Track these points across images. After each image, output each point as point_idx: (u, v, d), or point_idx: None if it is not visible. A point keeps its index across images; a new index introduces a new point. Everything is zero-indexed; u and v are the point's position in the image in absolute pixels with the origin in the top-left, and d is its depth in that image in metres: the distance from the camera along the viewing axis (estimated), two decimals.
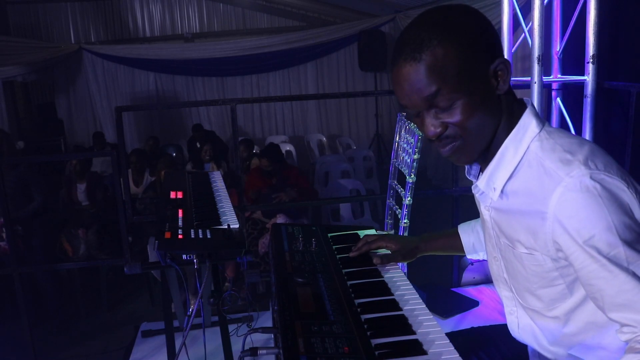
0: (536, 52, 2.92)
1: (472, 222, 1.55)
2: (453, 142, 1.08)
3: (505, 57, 1.08)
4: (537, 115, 1.11)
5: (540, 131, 1.09)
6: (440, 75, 1.01)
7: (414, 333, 1.12)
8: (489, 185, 1.14)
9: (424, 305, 1.24)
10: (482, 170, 1.18)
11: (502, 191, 1.12)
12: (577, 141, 1.06)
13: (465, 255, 1.59)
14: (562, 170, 1.00)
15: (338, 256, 1.50)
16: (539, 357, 1.27)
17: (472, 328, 1.52)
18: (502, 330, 1.51)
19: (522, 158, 1.09)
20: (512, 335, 1.31)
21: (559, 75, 3.41)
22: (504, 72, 1.06)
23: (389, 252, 1.51)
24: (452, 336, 1.18)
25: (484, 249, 1.50)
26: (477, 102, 1.04)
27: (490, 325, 1.54)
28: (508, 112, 1.10)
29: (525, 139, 1.09)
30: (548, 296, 1.14)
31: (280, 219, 4.26)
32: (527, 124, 1.09)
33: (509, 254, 1.18)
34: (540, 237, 1.05)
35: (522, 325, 1.26)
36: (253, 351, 1.17)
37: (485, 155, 1.13)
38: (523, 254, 1.12)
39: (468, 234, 1.53)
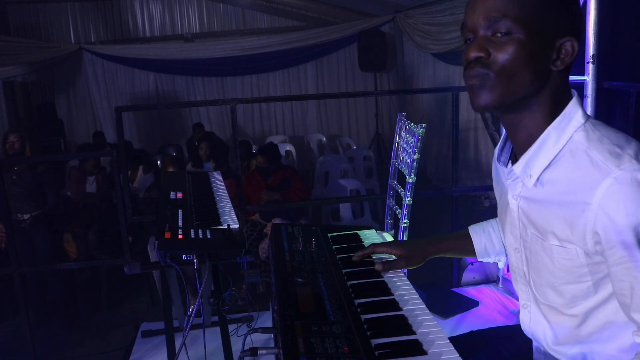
0: None
1: (483, 223, 1.52)
2: (484, 72, 1.05)
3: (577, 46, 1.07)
4: (582, 106, 1.10)
5: (585, 122, 1.07)
6: (516, 3, 1.02)
7: (414, 333, 1.12)
8: (526, 171, 1.12)
9: (424, 306, 1.24)
10: (516, 157, 1.16)
11: (537, 179, 1.10)
12: (623, 136, 1.05)
13: (475, 257, 1.56)
14: (612, 162, 0.99)
15: (338, 256, 1.50)
16: (544, 355, 1.27)
17: (471, 332, 1.50)
18: (500, 332, 1.50)
19: (563, 147, 1.07)
20: (522, 328, 1.30)
21: None
22: (567, 55, 1.06)
23: (392, 257, 1.48)
24: (451, 341, 1.17)
25: (495, 250, 1.48)
26: (528, 51, 1.03)
27: (489, 328, 1.52)
28: (553, 94, 1.08)
29: (569, 128, 1.07)
30: (571, 293, 1.12)
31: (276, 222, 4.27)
32: (573, 113, 1.08)
33: (536, 246, 1.15)
34: (579, 228, 1.03)
35: (534, 321, 1.25)
36: (253, 351, 1.17)
37: (522, 142, 1.12)
38: (554, 247, 1.10)
39: (479, 235, 1.50)
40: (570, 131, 1.07)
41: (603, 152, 1.01)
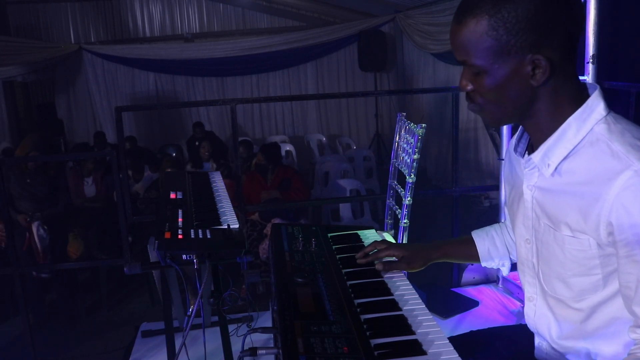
0: None
1: (486, 228, 1.52)
2: (474, 105, 1.13)
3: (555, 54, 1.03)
4: (604, 99, 1.09)
5: (607, 115, 1.07)
6: (471, 46, 1.05)
7: (413, 333, 1.12)
8: (544, 160, 1.12)
9: (424, 306, 1.24)
10: (533, 146, 1.16)
11: (555, 169, 1.10)
12: None
13: (478, 263, 1.54)
14: (634, 155, 0.99)
15: (338, 256, 1.50)
16: (546, 354, 1.27)
17: (471, 332, 1.51)
18: (500, 332, 1.50)
19: (583, 138, 1.07)
20: (526, 322, 1.30)
21: None
22: (541, 70, 1.03)
23: (394, 258, 1.47)
24: (451, 341, 1.17)
25: (499, 254, 1.48)
26: (500, 80, 1.06)
27: (489, 328, 1.52)
28: (552, 97, 1.08)
29: (591, 119, 1.07)
30: (580, 286, 1.12)
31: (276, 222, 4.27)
32: (595, 106, 1.08)
33: (547, 237, 1.15)
34: (593, 218, 1.03)
35: (539, 314, 1.24)
36: (253, 351, 1.17)
37: (541, 131, 1.12)
38: (566, 237, 1.10)
39: (483, 239, 1.50)
40: (591, 123, 1.07)
41: (624, 144, 1.01)
